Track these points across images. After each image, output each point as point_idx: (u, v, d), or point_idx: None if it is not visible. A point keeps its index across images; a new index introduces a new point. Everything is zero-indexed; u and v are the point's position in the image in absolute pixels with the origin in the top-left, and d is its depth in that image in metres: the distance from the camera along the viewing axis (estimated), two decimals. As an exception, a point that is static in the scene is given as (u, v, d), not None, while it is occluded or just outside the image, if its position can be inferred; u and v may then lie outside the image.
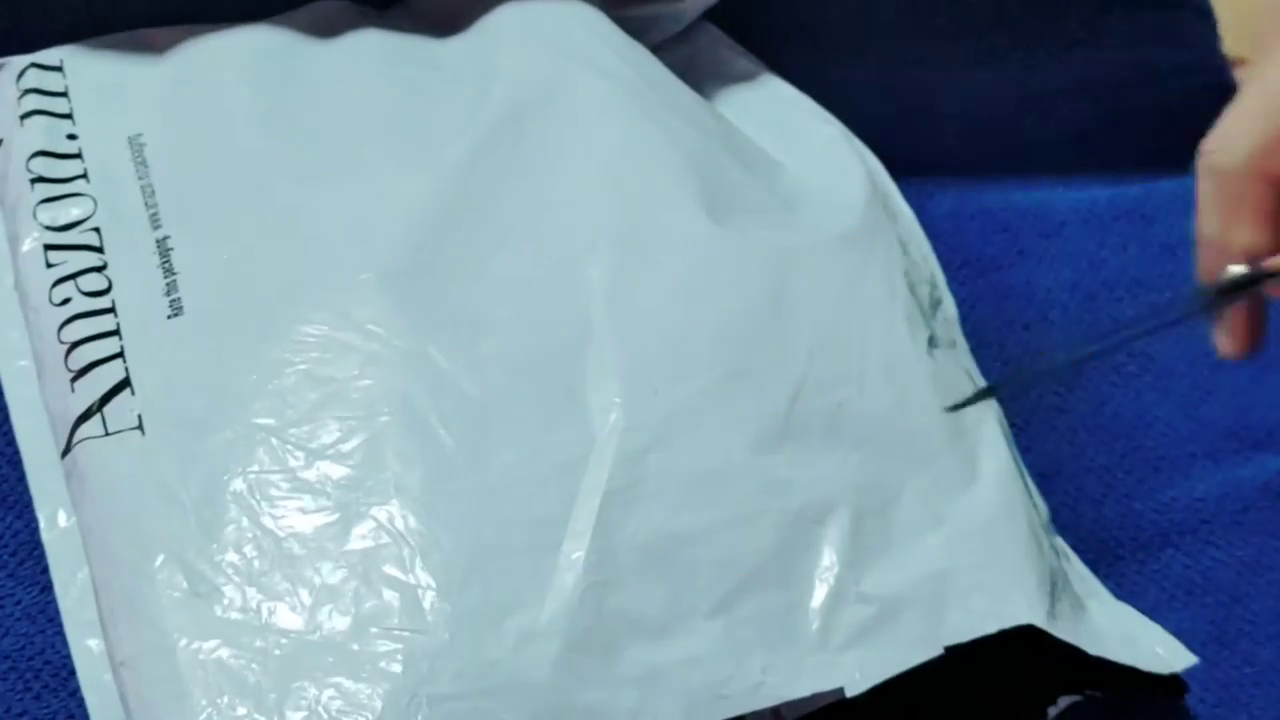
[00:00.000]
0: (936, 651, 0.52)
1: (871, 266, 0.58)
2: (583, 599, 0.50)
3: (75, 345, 0.56)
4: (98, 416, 0.54)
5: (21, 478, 0.58)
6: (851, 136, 0.66)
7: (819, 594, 0.52)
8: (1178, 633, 0.57)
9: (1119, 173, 0.72)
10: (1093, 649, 0.53)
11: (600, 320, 0.55)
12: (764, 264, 0.56)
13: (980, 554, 0.54)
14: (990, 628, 0.52)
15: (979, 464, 0.56)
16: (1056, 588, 0.55)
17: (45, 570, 0.57)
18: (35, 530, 0.57)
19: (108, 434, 0.54)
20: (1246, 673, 0.60)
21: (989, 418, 0.57)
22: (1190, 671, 0.57)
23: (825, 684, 0.51)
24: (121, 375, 0.55)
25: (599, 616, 0.50)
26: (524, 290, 0.56)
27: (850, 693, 0.50)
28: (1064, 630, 0.53)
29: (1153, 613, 0.59)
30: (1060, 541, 0.59)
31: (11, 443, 0.59)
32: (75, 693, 0.54)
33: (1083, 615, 0.55)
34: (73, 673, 0.55)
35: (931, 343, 0.58)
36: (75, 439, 0.55)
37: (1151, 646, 0.56)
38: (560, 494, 0.52)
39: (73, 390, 0.55)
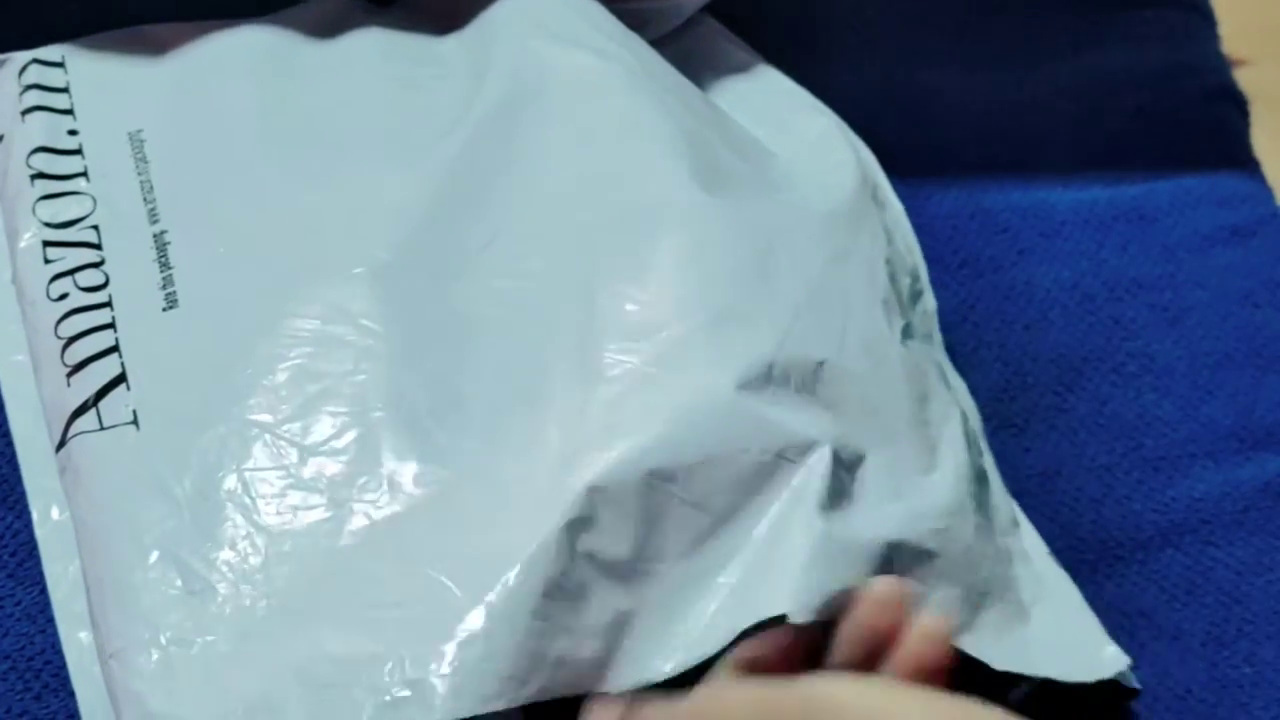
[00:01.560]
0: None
1: (855, 249, 0.59)
2: (558, 541, 0.49)
3: (72, 340, 0.56)
4: (93, 411, 0.54)
5: (22, 477, 0.58)
6: (846, 128, 0.66)
7: (788, 534, 0.51)
8: (1177, 632, 0.57)
9: (1119, 173, 0.72)
10: (998, 663, 0.52)
11: (590, 291, 0.55)
12: (754, 229, 0.57)
13: (930, 542, 0.53)
14: None
15: (939, 455, 0.56)
16: (989, 598, 0.54)
17: (46, 570, 0.57)
18: (35, 530, 0.57)
19: (103, 428, 0.54)
20: (1246, 673, 0.60)
21: (954, 417, 0.58)
22: (1190, 670, 0.57)
23: (772, 610, 0.49)
24: (118, 370, 0.55)
25: (571, 560, 0.49)
26: (516, 283, 0.56)
27: (795, 619, 0.49)
28: (968, 643, 0.52)
29: (1152, 613, 0.59)
30: (1026, 542, 0.59)
31: (12, 443, 0.59)
32: (75, 692, 0.54)
33: (1011, 626, 0.55)
34: (73, 672, 0.55)
35: (907, 332, 0.58)
36: (70, 433, 0.55)
37: (1092, 655, 0.55)
38: (552, 479, 0.51)
39: (69, 384, 0.55)
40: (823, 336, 0.55)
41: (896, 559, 0.52)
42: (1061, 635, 0.56)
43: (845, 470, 0.53)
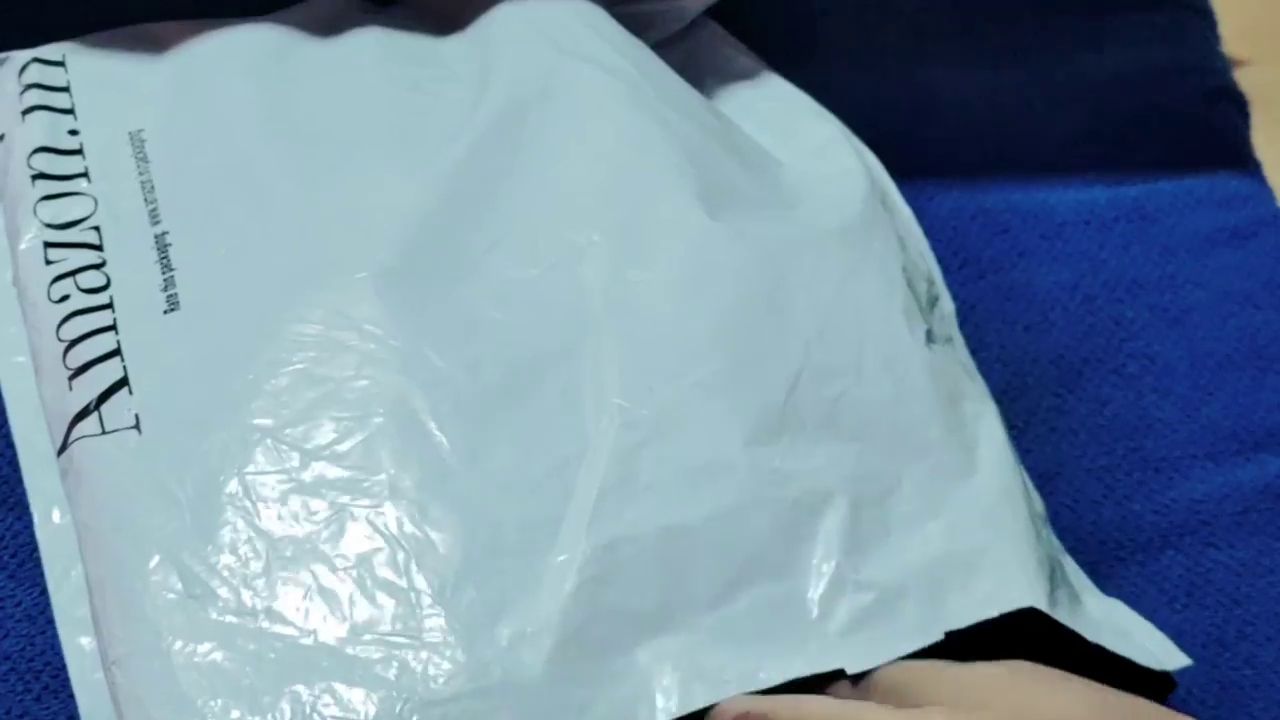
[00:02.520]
0: (937, 636, 0.51)
1: (869, 260, 0.58)
2: (577, 596, 0.50)
3: (74, 343, 0.56)
4: (95, 415, 0.54)
5: (22, 478, 0.58)
6: (850, 135, 0.65)
7: (816, 582, 0.52)
8: (1177, 634, 0.57)
9: (1119, 173, 0.72)
10: (1092, 637, 0.53)
11: (596, 318, 0.55)
12: (760, 257, 0.56)
13: (981, 540, 0.53)
14: (992, 611, 0.52)
15: (978, 455, 0.56)
16: (1055, 575, 0.54)
17: (46, 571, 0.57)
18: (35, 530, 0.57)
19: (104, 432, 0.54)
20: (1246, 674, 0.60)
21: (988, 411, 0.57)
22: (1190, 672, 0.57)
23: (823, 667, 0.50)
24: (120, 374, 0.55)
25: (594, 613, 0.50)
26: (519, 289, 0.56)
27: (851, 671, 0.50)
28: (1064, 615, 0.53)
29: (1152, 614, 0.59)
30: (1055, 539, 0.59)
31: (12, 445, 0.58)
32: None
33: (1079, 606, 0.55)
34: (73, 674, 0.55)
35: (929, 337, 0.58)
36: (72, 437, 0.55)
37: (1144, 642, 0.56)
38: (555, 493, 0.52)
39: (70, 388, 0.55)
40: (839, 365, 0.55)
41: (944, 574, 0.52)
42: (1118, 621, 0.56)
43: (873, 506, 0.53)
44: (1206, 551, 0.63)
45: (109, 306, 0.57)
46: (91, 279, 0.57)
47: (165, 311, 0.56)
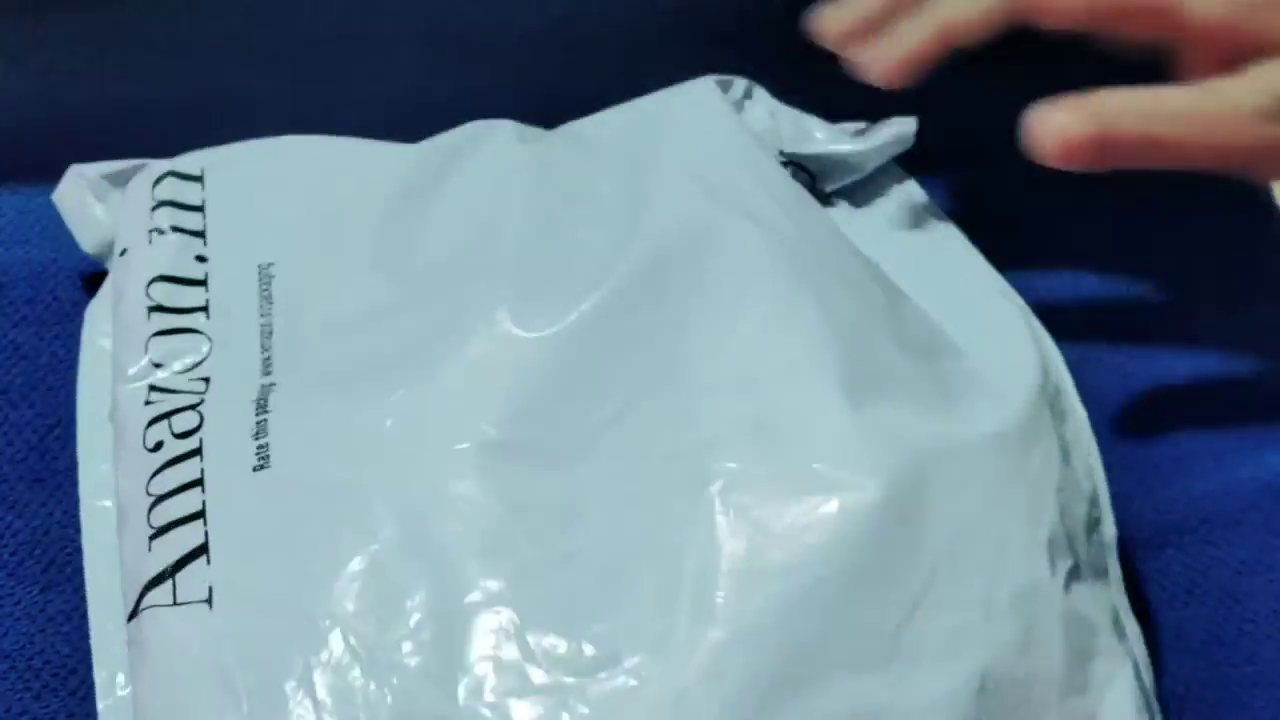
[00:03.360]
0: None
1: (1022, 478, 0.52)
2: None
3: (160, 499, 0.53)
4: (169, 583, 0.51)
5: (22, 477, 0.58)
6: (1031, 317, 0.60)
7: None
8: (1177, 633, 0.57)
9: (1118, 173, 0.72)
10: None
11: (708, 515, 0.50)
12: (900, 462, 0.50)
13: None
14: None
15: None
16: None
17: (45, 570, 0.57)
18: (35, 530, 0.57)
19: (176, 604, 0.50)
20: (1247, 672, 0.60)
21: (1121, 674, 0.52)
22: (1190, 670, 0.57)
23: None
24: (200, 539, 0.51)
25: None
26: (634, 478, 0.51)
27: None
28: None
29: (1152, 612, 0.59)
30: None
31: (12, 442, 0.59)
32: (75, 692, 0.54)
33: None
34: (73, 672, 0.55)
35: (1075, 574, 0.52)
36: (143, 604, 0.51)
37: None
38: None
39: (150, 549, 0.52)
40: (965, 596, 0.49)
41: None
42: None
43: None
44: (1206, 549, 0.63)
45: (198, 453, 0.53)
46: (186, 420, 0.54)
47: (255, 469, 0.52)
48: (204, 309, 0.57)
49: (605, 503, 0.51)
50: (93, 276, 0.63)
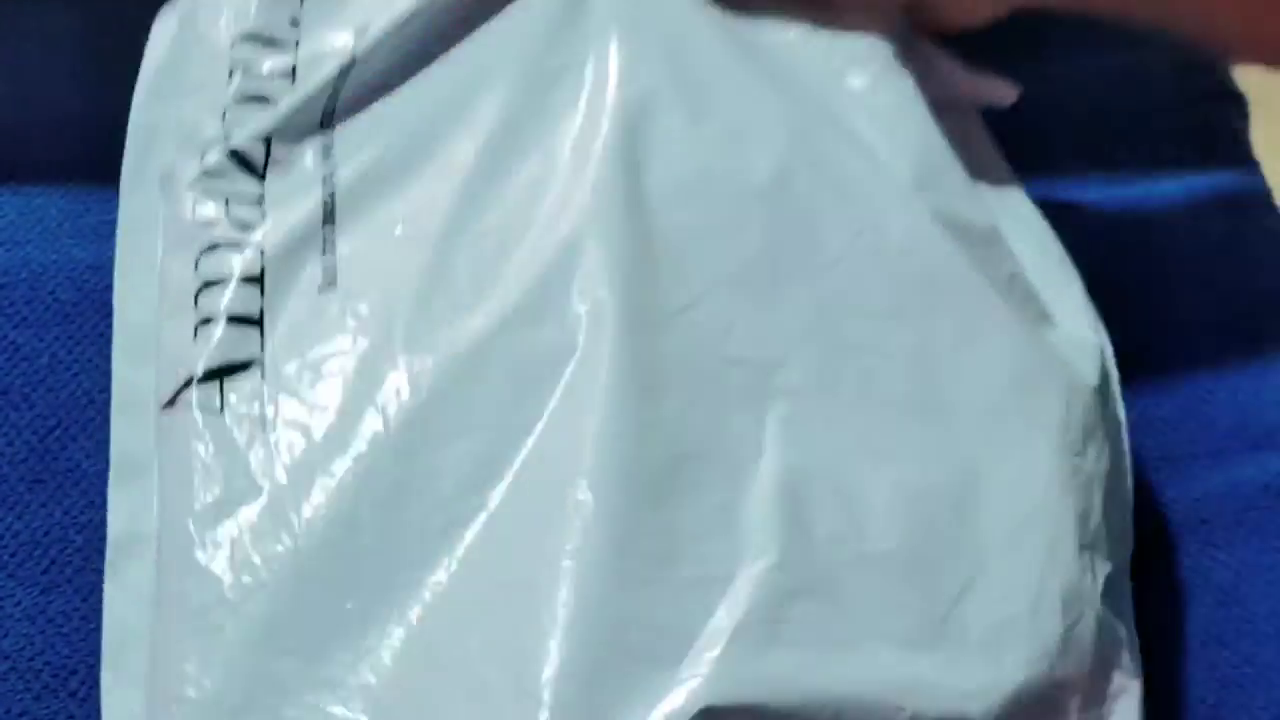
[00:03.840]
0: None
1: (1078, 474, 0.51)
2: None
3: (210, 285, 0.52)
4: (215, 385, 0.50)
5: (22, 477, 0.58)
6: (1092, 308, 0.58)
7: None
8: (1177, 633, 0.57)
9: (1119, 173, 0.72)
10: None
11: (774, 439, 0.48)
12: (965, 450, 0.49)
13: None
14: None
15: None
16: None
17: (46, 571, 0.57)
18: (35, 530, 0.57)
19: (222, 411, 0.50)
20: (1247, 672, 0.60)
21: (1131, 689, 0.51)
22: (1190, 671, 0.57)
23: None
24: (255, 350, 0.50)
25: None
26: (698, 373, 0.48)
27: None
28: None
29: (1152, 613, 0.59)
30: None
31: (12, 443, 0.59)
32: (75, 693, 0.54)
33: None
34: (73, 673, 0.55)
35: (1109, 582, 0.52)
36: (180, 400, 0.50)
37: None
38: (695, 609, 0.45)
39: (195, 337, 0.51)
40: (1016, 588, 0.48)
41: None
42: None
43: None
44: (1206, 550, 0.63)
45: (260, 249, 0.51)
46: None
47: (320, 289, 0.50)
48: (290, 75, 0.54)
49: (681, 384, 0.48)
50: (93, 277, 0.63)
